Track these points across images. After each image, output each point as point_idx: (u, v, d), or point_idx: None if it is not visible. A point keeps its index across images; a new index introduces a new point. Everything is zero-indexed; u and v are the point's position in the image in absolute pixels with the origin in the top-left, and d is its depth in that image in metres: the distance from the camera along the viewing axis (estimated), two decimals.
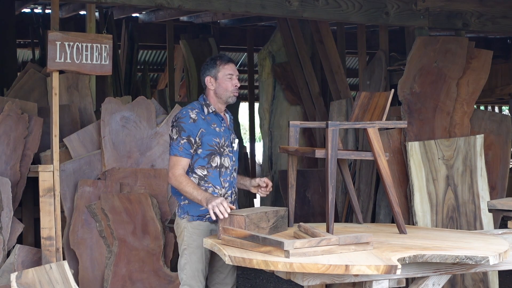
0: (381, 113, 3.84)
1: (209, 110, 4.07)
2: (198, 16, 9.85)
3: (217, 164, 4.04)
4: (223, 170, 4.05)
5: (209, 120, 4.04)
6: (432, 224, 5.49)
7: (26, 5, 8.82)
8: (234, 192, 4.14)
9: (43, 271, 4.34)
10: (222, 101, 4.10)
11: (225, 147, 4.07)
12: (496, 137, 5.99)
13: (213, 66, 4.07)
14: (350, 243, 3.31)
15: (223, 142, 4.06)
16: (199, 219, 4.01)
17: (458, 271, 3.48)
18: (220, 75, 4.06)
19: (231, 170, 4.10)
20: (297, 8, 5.36)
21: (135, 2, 5.09)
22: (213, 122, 4.05)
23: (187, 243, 4.03)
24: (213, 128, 4.04)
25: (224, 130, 4.09)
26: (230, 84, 4.06)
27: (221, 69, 4.06)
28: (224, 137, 4.07)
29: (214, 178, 4.03)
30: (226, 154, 4.07)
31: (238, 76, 4.12)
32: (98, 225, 5.07)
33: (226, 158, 4.07)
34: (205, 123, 4.02)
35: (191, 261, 4.02)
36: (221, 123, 4.10)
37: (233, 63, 4.12)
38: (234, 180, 4.14)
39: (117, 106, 5.28)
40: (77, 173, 5.14)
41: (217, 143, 4.03)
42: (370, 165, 6.51)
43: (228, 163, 4.07)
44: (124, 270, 5.05)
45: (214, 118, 4.07)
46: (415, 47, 5.75)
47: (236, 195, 4.16)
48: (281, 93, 8.67)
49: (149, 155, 5.32)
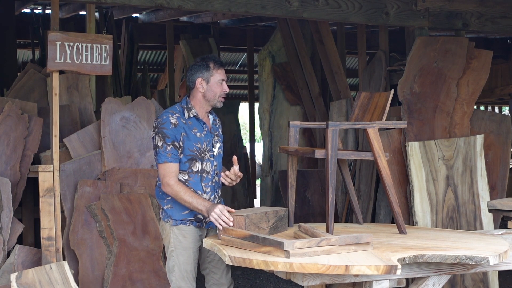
0: (381, 113, 3.84)
1: (190, 114, 4.02)
2: (198, 16, 9.85)
3: (198, 169, 4.00)
4: (204, 175, 4.01)
5: (190, 124, 3.99)
6: (432, 224, 5.49)
7: (26, 5, 8.82)
8: (217, 196, 4.09)
9: (43, 271, 4.34)
10: (209, 105, 4.06)
11: (206, 152, 4.02)
12: (496, 137, 5.99)
13: (206, 68, 4.03)
14: (350, 243, 3.31)
15: (205, 147, 4.01)
16: (183, 223, 4.00)
17: (458, 271, 3.48)
18: (212, 79, 4.02)
19: (213, 175, 4.05)
20: (297, 8, 5.36)
21: (135, 2, 5.09)
22: (194, 127, 4.01)
23: (174, 245, 4.01)
24: (194, 134, 3.99)
25: (206, 135, 4.04)
26: (220, 89, 4.03)
27: (214, 73, 4.03)
28: (205, 142, 4.02)
29: (195, 183, 3.99)
30: (207, 159, 4.02)
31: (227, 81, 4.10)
32: (98, 225, 5.08)
33: (208, 163, 4.02)
34: (186, 128, 3.97)
35: (179, 263, 4.00)
36: (203, 128, 4.04)
37: (223, 67, 4.09)
38: (217, 184, 4.09)
39: (117, 106, 5.29)
40: (77, 173, 5.14)
41: (198, 148, 3.98)
42: (370, 165, 6.51)
43: (209, 168, 4.03)
44: (124, 270, 5.05)
45: (195, 122, 4.02)
46: (415, 47, 5.75)
47: (219, 199, 4.11)
48: (281, 93, 8.67)
49: (149, 155, 5.32)
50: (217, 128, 4.16)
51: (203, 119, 4.06)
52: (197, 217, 4.00)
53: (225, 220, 3.69)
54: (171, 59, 10.65)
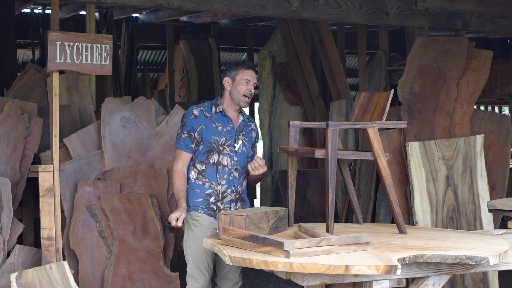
0: (381, 113, 3.84)
1: (217, 109, 4.28)
2: (198, 16, 9.86)
3: (215, 161, 4.22)
4: (220, 167, 4.22)
5: (215, 118, 4.25)
6: (432, 224, 5.49)
7: (26, 5, 8.82)
8: (235, 191, 4.26)
9: (43, 271, 4.34)
10: (235, 103, 4.27)
11: (226, 146, 4.22)
12: (496, 137, 5.99)
13: (234, 68, 4.28)
14: (350, 243, 3.31)
15: (224, 140, 4.22)
16: (195, 210, 4.22)
17: (458, 271, 3.48)
18: (238, 78, 4.25)
19: (230, 169, 4.23)
20: (297, 8, 5.36)
21: (135, 2, 5.09)
22: (218, 121, 4.24)
23: (187, 235, 4.27)
24: (215, 127, 4.22)
25: (229, 130, 4.25)
26: (245, 88, 4.24)
27: (240, 72, 4.25)
28: (225, 137, 4.22)
29: (211, 174, 4.22)
30: (226, 153, 4.22)
31: (256, 84, 4.31)
32: (98, 225, 5.08)
33: (226, 156, 4.22)
34: (207, 121, 4.23)
35: (191, 252, 4.23)
36: (228, 123, 4.26)
37: (253, 71, 4.30)
38: (235, 179, 4.26)
39: (117, 106, 5.28)
40: (77, 173, 5.14)
41: (216, 141, 4.20)
42: (370, 165, 6.51)
43: (227, 161, 4.23)
44: (124, 270, 5.05)
45: (221, 117, 4.26)
46: (415, 47, 5.75)
47: (238, 195, 4.28)
48: (281, 93, 8.68)
49: (149, 155, 5.32)
50: (247, 129, 4.35)
51: (230, 116, 4.29)
52: (210, 206, 4.22)
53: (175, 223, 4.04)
54: (171, 59, 10.65)
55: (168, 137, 5.37)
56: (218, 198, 4.23)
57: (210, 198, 4.23)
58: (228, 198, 4.23)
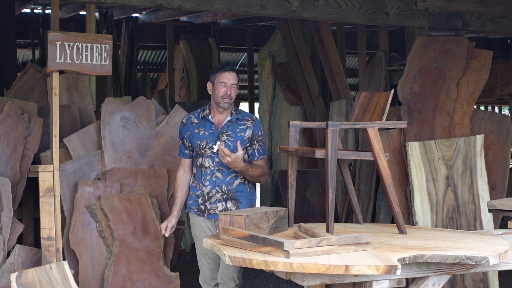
0: (381, 113, 3.84)
1: (203, 115, 4.49)
2: (198, 16, 9.85)
3: (199, 164, 4.47)
4: (203, 169, 4.44)
5: (200, 124, 4.47)
6: (432, 224, 5.49)
7: (26, 5, 8.82)
8: (221, 191, 4.41)
9: (43, 271, 4.34)
10: (218, 105, 4.43)
11: (207, 149, 4.42)
12: (496, 137, 5.99)
13: (214, 73, 4.48)
14: (350, 243, 3.31)
15: (205, 144, 4.42)
16: (189, 211, 4.57)
17: (458, 271, 3.48)
18: (216, 81, 4.43)
19: (212, 170, 4.42)
20: (297, 8, 5.36)
21: (135, 2, 5.08)
22: (202, 126, 4.46)
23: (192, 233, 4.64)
24: (197, 132, 4.46)
25: (211, 133, 4.43)
26: (222, 91, 4.39)
27: (218, 76, 4.43)
28: (206, 140, 4.43)
29: (198, 176, 4.48)
30: (208, 155, 4.42)
31: (235, 85, 4.41)
32: (98, 225, 5.08)
33: (207, 159, 4.43)
34: (192, 127, 4.48)
35: (196, 249, 4.60)
36: (210, 127, 4.44)
37: (232, 72, 4.42)
38: (219, 180, 4.42)
39: (117, 106, 5.28)
40: (77, 173, 5.14)
41: (198, 145, 4.45)
42: (370, 165, 6.51)
43: (208, 163, 4.43)
44: (124, 270, 5.05)
45: (205, 122, 4.47)
46: (415, 47, 5.75)
47: (226, 194, 4.42)
48: (281, 93, 8.68)
49: (149, 155, 5.32)
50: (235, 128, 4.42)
51: (216, 119, 4.45)
52: (199, 207, 4.47)
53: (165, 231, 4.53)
54: (171, 59, 10.65)
55: (168, 137, 5.36)
56: (205, 198, 4.45)
57: (199, 199, 4.48)
58: (214, 198, 4.43)
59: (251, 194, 4.53)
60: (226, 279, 4.41)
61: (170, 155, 5.34)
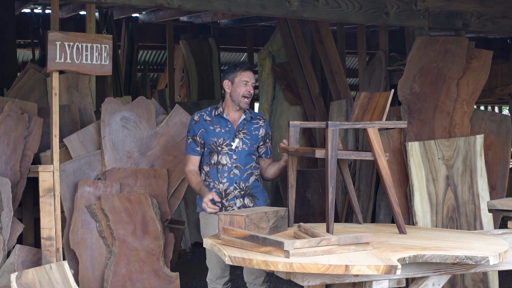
0: (381, 113, 3.84)
1: (217, 112, 4.50)
2: (198, 16, 9.85)
3: (215, 161, 4.46)
4: (220, 167, 4.44)
5: (214, 121, 4.48)
6: (432, 224, 5.49)
7: (26, 5, 8.82)
8: (239, 187, 4.45)
9: (43, 271, 4.34)
10: (235, 104, 4.46)
11: (224, 146, 4.44)
12: (496, 137, 5.99)
13: (233, 71, 4.46)
14: (350, 243, 3.31)
15: (222, 141, 4.44)
16: (202, 210, 4.46)
17: (458, 271, 3.48)
18: (237, 80, 4.44)
19: (230, 168, 4.44)
20: (297, 8, 5.36)
21: (135, 2, 5.09)
22: (217, 124, 4.47)
23: (202, 232, 4.57)
24: (213, 129, 4.45)
25: (228, 131, 4.46)
26: (244, 89, 4.43)
27: (239, 74, 4.44)
28: (223, 137, 4.45)
29: (213, 174, 4.46)
30: (225, 152, 4.44)
31: (253, 84, 4.49)
32: (98, 225, 5.08)
33: (225, 156, 4.44)
34: (206, 124, 4.47)
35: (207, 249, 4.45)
36: (226, 124, 4.47)
37: (251, 72, 4.49)
38: (237, 177, 4.45)
39: (117, 106, 5.28)
40: (77, 173, 5.14)
41: (214, 142, 4.44)
42: (370, 165, 6.51)
43: (226, 160, 4.44)
44: (124, 270, 5.05)
45: (220, 120, 4.48)
46: (415, 47, 5.75)
47: (243, 191, 4.47)
48: (281, 93, 8.67)
49: (149, 155, 5.32)
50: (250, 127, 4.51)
51: (231, 117, 4.49)
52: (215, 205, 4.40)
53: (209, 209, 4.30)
54: (171, 59, 10.65)
55: (168, 137, 5.37)
56: (222, 196, 4.43)
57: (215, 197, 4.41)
58: (231, 195, 4.45)
59: (264, 190, 4.61)
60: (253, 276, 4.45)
61: (170, 155, 5.34)
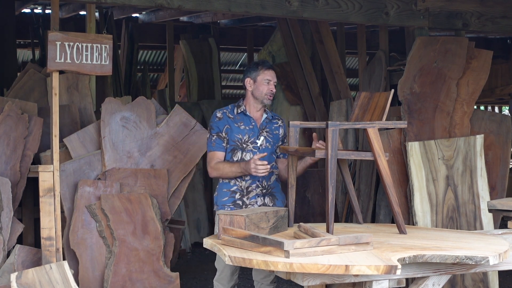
0: (381, 113, 3.84)
1: (239, 110, 4.53)
2: (198, 16, 9.85)
3: (238, 158, 4.46)
4: None
5: (237, 119, 4.50)
6: (432, 224, 5.49)
7: (26, 5, 8.82)
8: (261, 185, 4.47)
9: (43, 271, 4.34)
10: (258, 102, 4.51)
11: (249, 143, 4.48)
12: (496, 137, 5.99)
13: (255, 69, 4.51)
14: (350, 243, 3.31)
15: (247, 138, 4.47)
16: (222, 208, 4.43)
17: (458, 271, 3.48)
18: (259, 78, 4.49)
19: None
20: (297, 8, 5.36)
21: (135, 2, 5.09)
22: (240, 121, 4.50)
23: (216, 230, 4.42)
24: (238, 126, 4.49)
25: (252, 128, 4.50)
26: (266, 88, 4.47)
27: (261, 73, 4.49)
28: (248, 134, 4.48)
29: None
30: (249, 150, 4.47)
31: (275, 83, 4.53)
32: (98, 225, 5.08)
33: (249, 153, 4.46)
34: (230, 121, 4.50)
35: None
36: (250, 122, 4.51)
37: (273, 70, 4.53)
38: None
39: (117, 106, 5.28)
40: (77, 173, 5.14)
41: (239, 139, 4.46)
42: (370, 165, 6.51)
43: (250, 158, 4.41)
44: (124, 270, 5.05)
45: (243, 117, 4.52)
46: (415, 47, 5.75)
47: (265, 190, 4.48)
48: (281, 93, 8.67)
49: (149, 155, 5.32)
50: (271, 126, 4.57)
51: (253, 115, 4.53)
52: (236, 202, 4.44)
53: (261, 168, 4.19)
54: (171, 59, 10.65)
55: (168, 137, 5.36)
56: (243, 193, 4.45)
57: (236, 194, 4.46)
58: (253, 192, 4.46)
59: (282, 191, 4.61)
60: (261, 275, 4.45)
61: (170, 155, 5.34)
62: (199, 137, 5.41)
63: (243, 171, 4.33)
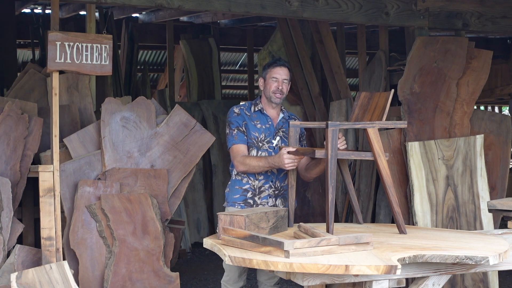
0: (381, 113, 3.84)
1: (256, 108, 4.50)
2: (198, 16, 9.86)
3: None
4: None
5: (254, 117, 4.47)
6: (432, 224, 5.49)
7: (26, 5, 8.82)
8: (274, 186, 4.42)
9: (43, 271, 4.34)
10: (269, 100, 4.48)
11: (265, 142, 4.44)
12: (496, 137, 5.99)
13: (265, 68, 4.51)
14: (350, 243, 3.31)
15: (263, 137, 4.44)
16: (232, 206, 4.42)
17: (458, 271, 3.49)
18: (268, 76, 4.47)
19: None
20: (297, 8, 5.36)
21: (135, 2, 5.09)
22: (257, 119, 4.47)
23: None
24: (254, 124, 4.45)
25: (268, 127, 4.46)
26: (274, 86, 4.43)
27: (269, 71, 4.47)
28: (264, 133, 4.45)
29: None
30: (265, 149, 4.43)
31: (286, 81, 4.45)
32: (98, 225, 5.08)
33: (264, 152, 4.42)
34: (248, 118, 4.46)
35: None
36: (266, 121, 4.48)
37: (283, 67, 4.46)
38: (273, 175, 4.42)
39: (117, 106, 5.28)
40: (77, 173, 5.14)
41: (255, 137, 4.43)
42: (370, 165, 6.51)
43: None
44: (124, 270, 5.05)
45: (260, 115, 4.49)
46: (415, 47, 5.75)
47: (278, 191, 4.43)
48: None
49: (149, 155, 5.32)
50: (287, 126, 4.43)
51: (270, 113, 4.50)
52: (247, 201, 4.40)
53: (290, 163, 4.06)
54: (171, 59, 10.65)
55: (168, 137, 5.36)
56: (255, 192, 4.42)
57: (247, 193, 4.42)
58: (265, 193, 4.42)
59: None
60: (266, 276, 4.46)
61: (170, 155, 5.34)
62: (199, 137, 5.41)
63: (271, 166, 4.23)
